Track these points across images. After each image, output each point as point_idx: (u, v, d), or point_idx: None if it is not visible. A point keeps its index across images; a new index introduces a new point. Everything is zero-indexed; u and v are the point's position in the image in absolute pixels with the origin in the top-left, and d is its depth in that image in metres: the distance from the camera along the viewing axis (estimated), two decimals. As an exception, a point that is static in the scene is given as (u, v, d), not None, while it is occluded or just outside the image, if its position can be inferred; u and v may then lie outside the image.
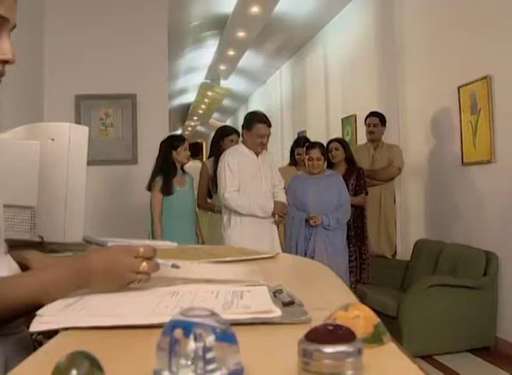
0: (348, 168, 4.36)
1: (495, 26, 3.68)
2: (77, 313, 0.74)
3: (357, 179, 4.30)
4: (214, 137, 4.24)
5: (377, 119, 4.66)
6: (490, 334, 3.62)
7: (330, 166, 4.27)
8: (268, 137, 3.64)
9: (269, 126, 3.60)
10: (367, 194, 4.30)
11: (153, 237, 3.72)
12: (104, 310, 0.76)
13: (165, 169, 3.79)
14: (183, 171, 3.96)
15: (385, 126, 4.68)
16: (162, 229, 3.77)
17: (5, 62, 0.87)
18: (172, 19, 5.28)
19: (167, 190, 3.77)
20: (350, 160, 4.39)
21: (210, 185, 4.11)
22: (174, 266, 0.90)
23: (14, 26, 0.88)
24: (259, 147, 3.58)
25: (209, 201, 4.22)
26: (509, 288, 3.61)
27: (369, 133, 4.68)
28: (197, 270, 1.15)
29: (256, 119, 3.59)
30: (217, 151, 4.08)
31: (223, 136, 4.16)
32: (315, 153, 3.98)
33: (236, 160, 3.55)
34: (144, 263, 0.85)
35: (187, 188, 3.96)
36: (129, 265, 0.85)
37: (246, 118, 3.69)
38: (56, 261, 1.07)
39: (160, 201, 3.78)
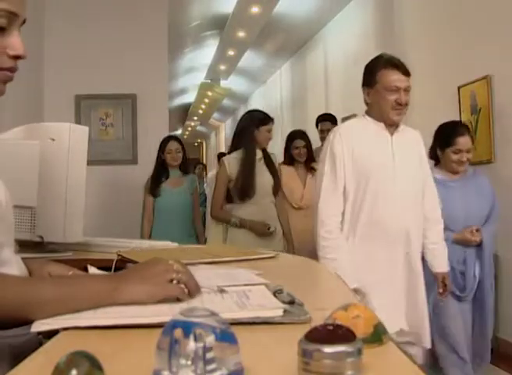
0: None
1: (495, 26, 3.68)
2: (77, 313, 0.74)
3: None
4: (242, 124, 3.24)
5: (329, 124, 4.35)
6: (490, 334, 3.62)
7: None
8: (407, 92, 2.23)
9: (406, 74, 2.24)
10: None
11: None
12: (104, 310, 0.76)
13: (154, 171, 3.80)
14: (185, 172, 3.87)
15: None
16: (153, 230, 3.75)
17: (17, 57, 0.87)
18: (172, 19, 5.28)
19: (152, 191, 3.75)
20: None
21: (233, 188, 3.18)
22: (221, 291, 0.87)
23: (24, 21, 0.88)
24: (393, 112, 2.15)
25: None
26: (509, 288, 3.61)
27: (322, 139, 4.29)
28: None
29: (381, 65, 2.20)
30: (246, 142, 3.15)
31: (260, 124, 3.16)
32: (465, 143, 2.68)
33: (351, 142, 2.13)
34: (178, 274, 0.82)
35: (184, 189, 3.82)
36: (164, 268, 0.83)
37: (366, 69, 2.28)
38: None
39: (150, 203, 3.76)
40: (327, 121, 4.46)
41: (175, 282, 0.81)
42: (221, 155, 11.10)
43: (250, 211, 3.11)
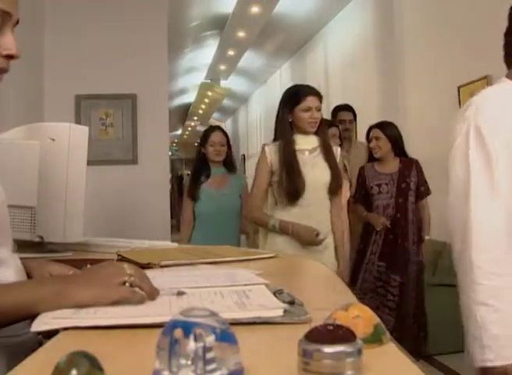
0: (403, 161, 3.26)
1: (495, 26, 3.68)
2: (77, 313, 0.74)
3: (418, 175, 3.26)
4: (278, 109, 2.58)
5: (351, 115, 3.93)
6: (490, 334, 3.62)
7: (371, 160, 3.35)
8: None
9: None
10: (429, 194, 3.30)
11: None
12: (104, 310, 0.76)
13: (194, 169, 3.27)
14: (230, 169, 3.25)
15: (356, 120, 4.01)
16: (192, 240, 3.15)
17: (10, 57, 0.86)
18: (172, 19, 5.28)
19: (190, 193, 3.18)
20: (399, 147, 3.25)
21: (274, 185, 2.52)
22: (180, 293, 0.84)
23: (17, 22, 0.88)
24: None
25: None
26: (509, 288, 3.61)
27: (343, 130, 3.76)
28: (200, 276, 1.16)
29: None
30: (282, 130, 2.52)
31: (294, 105, 2.46)
32: None
33: (499, 121, 1.45)
34: (131, 270, 0.80)
35: (230, 191, 3.18)
36: (115, 270, 0.80)
37: None
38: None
39: (189, 207, 3.19)
40: (347, 111, 3.94)
41: (127, 285, 0.78)
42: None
43: (292, 214, 2.43)
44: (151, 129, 4.45)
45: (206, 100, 13.14)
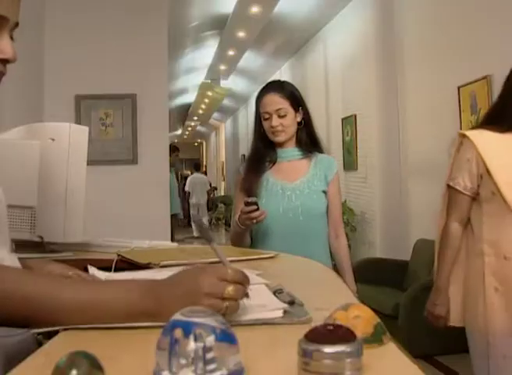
0: None
1: (495, 25, 3.68)
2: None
3: None
4: None
5: None
6: (490, 334, 3.62)
7: None
8: None
9: None
10: None
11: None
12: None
13: (254, 150, 2.13)
14: (308, 150, 2.10)
15: None
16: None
17: (5, 61, 0.86)
18: (172, 19, 5.28)
19: (245, 186, 2.05)
20: None
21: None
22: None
23: (16, 25, 0.88)
24: None
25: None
26: (509, 288, 3.61)
27: None
28: None
29: None
30: None
31: None
32: None
33: None
34: (231, 287, 0.69)
35: (310, 182, 2.05)
36: (210, 286, 0.69)
37: None
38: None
39: (242, 204, 1.93)
40: None
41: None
42: (197, 166, 10.01)
43: None
44: (151, 129, 4.45)
45: (206, 100, 13.14)
